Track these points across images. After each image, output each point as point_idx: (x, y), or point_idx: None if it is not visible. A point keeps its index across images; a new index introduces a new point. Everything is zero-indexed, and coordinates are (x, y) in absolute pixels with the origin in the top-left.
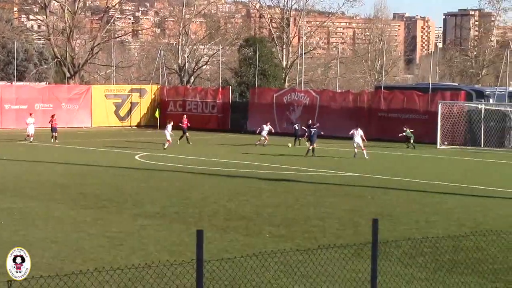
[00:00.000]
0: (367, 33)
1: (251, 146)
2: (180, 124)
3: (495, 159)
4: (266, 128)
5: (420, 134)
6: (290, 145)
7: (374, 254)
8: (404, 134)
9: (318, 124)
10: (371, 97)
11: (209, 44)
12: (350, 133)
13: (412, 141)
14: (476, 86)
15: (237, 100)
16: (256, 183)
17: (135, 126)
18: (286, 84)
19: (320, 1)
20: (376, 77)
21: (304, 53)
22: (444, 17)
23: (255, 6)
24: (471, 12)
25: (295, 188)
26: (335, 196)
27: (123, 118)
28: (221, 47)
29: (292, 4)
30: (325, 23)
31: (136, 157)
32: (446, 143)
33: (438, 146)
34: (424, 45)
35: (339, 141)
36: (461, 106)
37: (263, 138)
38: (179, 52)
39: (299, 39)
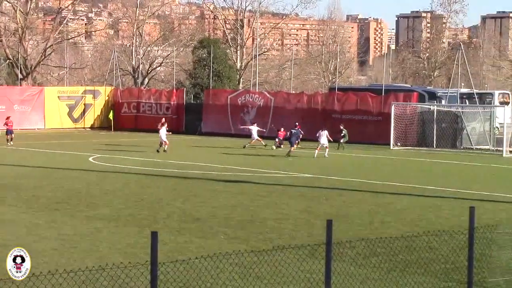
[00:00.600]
0: (321, 35)
1: (206, 148)
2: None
3: (447, 160)
4: (255, 128)
5: (373, 135)
6: (274, 147)
7: (328, 254)
8: (342, 134)
9: (297, 124)
10: (325, 99)
11: (163, 46)
12: (317, 134)
13: (343, 141)
14: (429, 87)
15: (192, 101)
16: (211, 185)
17: (89, 127)
18: (241, 85)
19: (274, 3)
20: (330, 78)
21: (258, 55)
22: (396, 19)
23: (209, 8)
24: (423, 14)
25: (251, 190)
26: (290, 197)
27: (77, 120)
28: (175, 48)
29: (246, 5)
30: (279, 25)
31: (90, 159)
32: (399, 144)
33: (392, 147)
34: (377, 46)
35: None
36: (414, 107)
37: (255, 140)
38: (133, 53)
39: (253, 41)
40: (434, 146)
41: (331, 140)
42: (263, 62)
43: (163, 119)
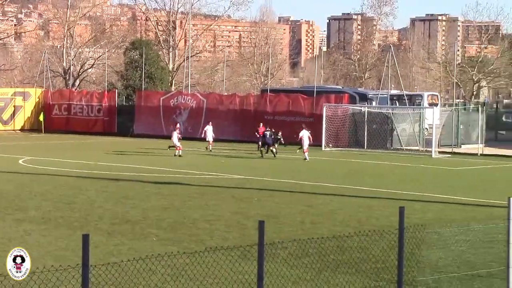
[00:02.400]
0: (253, 37)
1: (138, 149)
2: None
3: (378, 161)
4: (210, 128)
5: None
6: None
7: (260, 255)
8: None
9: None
10: (257, 100)
11: (95, 47)
12: (300, 135)
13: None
14: (360, 89)
15: (124, 103)
16: (142, 187)
17: (19, 130)
18: (173, 87)
19: (206, 5)
20: (262, 80)
21: (191, 56)
22: (328, 21)
23: (140, 9)
24: (354, 17)
25: (182, 191)
26: (221, 198)
27: (6, 122)
28: (106, 50)
29: (178, 7)
30: (211, 26)
31: (20, 161)
32: (331, 145)
33: (323, 148)
34: (309, 48)
35: (226, 144)
36: (345, 108)
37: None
38: (64, 55)
39: (185, 42)
40: (365, 147)
41: (311, 141)
42: (196, 63)
43: (178, 124)
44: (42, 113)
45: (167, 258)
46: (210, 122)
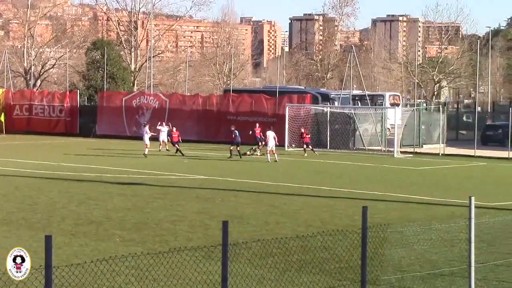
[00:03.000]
0: (215, 37)
1: (100, 150)
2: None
3: (340, 161)
4: (164, 129)
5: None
6: (248, 152)
7: (224, 256)
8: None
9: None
10: (220, 100)
11: (56, 47)
12: (266, 136)
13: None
14: (322, 89)
15: (86, 103)
16: (106, 187)
17: None
18: (135, 87)
19: (167, 5)
20: (225, 80)
21: (153, 57)
22: (290, 21)
23: (102, 9)
24: (316, 17)
25: (146, 192)
26: (185, 199)
27: None
28: (68, 50)
29: (140, 7)
30: (173, 27)
31: None
32: (293, 145)
33: (286, 148)
34: (271, 48)
35: (188, 144)
36: (308, 109)
37: (164, 142)
38: (25, 55)
39: (147, 43)
40: (328, 147)
41: (277, 143)
42: (158, 64)
43: (148, 124)
44: (3, 113)
45: (131, 259)
46: (164, 123)
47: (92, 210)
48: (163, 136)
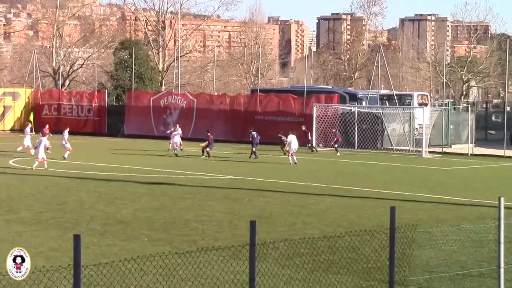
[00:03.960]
0: (243, 37)
1: (128, 150)
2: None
3: (368, 161)
4: (175, 132)
5: (296, 136)
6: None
7: (252, 255)
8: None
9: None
10: (247, 100)
11: (84, 47)
12: (287, 139)
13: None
14: (349, 89)
15: (113, 103)
16: (134, 187)
17: (9, 130)
18: (163, 87)
19: (195, 4)
20: (252, 80)
21: (180, 56)
22: (317, 21)
23: (130, 9)
24: (343, 16)
25: (173, 192)
26: (213, 199)
27: None
28: (96, 50)
29: (168, 7)
30: (200, 26)
31: (10, 161)
32: (321, 145)
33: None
34: (298, 48)
35: (216, 144)
36: (335, 108)
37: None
38: (53, 55)
39: (175, 42)
40: (356, 147)
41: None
42: (185, 63)
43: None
44: (32, 113)
45: (159, 258)
46: (178, 125)
47: (120, 210)
48: (175, 139)
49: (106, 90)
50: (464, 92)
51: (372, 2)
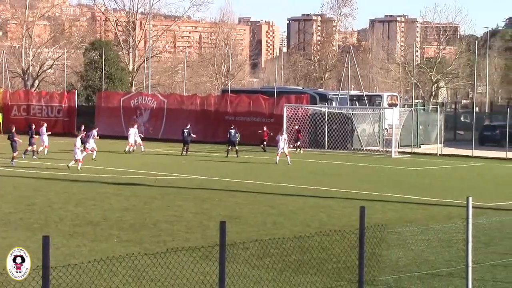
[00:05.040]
0: (213, 37)
1: (98, 150)
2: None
3: (338, 161)
4: (133, 131)
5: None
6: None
7: (222, 256)
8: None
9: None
10: (218, 101)
11: (54, 48)
12: (276, 139)
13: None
14: (320, 89)
15: (83, 104)
16: (103, 188)
17: None
18: (133, 88)
19: (166, 5)
20: (223, 81)
21: (151, 57)
22: (288, 22)
23: (100, 9)
24: (314, 17)
25: (143, 192)
26: (183, 199)
27: None
28: (66, 50)
29: (138, 7)
30: (171, 27)
31: None
32: (291, 145)
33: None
34: (269, 49)
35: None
36: (306, 109)
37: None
38: (23, 55)
39: (145, 43)
40: (326, 148)
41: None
42: (156, 64)
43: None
44: (0, 114)
45: (129, 259)
46: (136, 125)
47: (89, 210)
48: (131, 139)
49: (76, 91)
50: (434, 93)
51: (342, 3)
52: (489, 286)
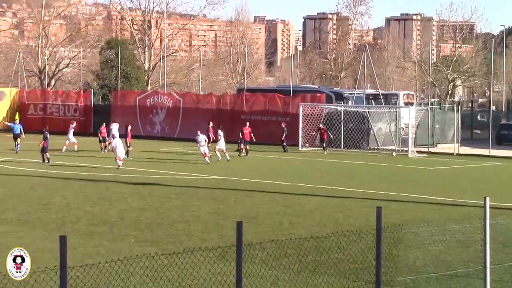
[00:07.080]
0: (229, 36)
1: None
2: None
3: (354, 161)
4: (115, 126)
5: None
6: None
7: (238, 256)
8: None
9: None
10: (234, 100)
11: (70, 46)
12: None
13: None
14: (336, 88)
15: (99, 103)
16: (120, 187)
17: None
18: (149, 86)
19: (181, 4)
20: (238, 79)
21: (167, 56)
22: (303, 20)
23: (116, 8)
24: (329, 16)
25: (160, 192)
26: (200, 199)
27: None
28: (82, 49)
29: (154, 6)
30: (186, 26)
31: None
32: (307, 145)
33: (300, 148)
34: (284, 47)
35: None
36: (321, 108)
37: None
38: (39, 54)
39: (161, 42)
40: (342, 147)
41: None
42: (171, 63)
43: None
44: (17, 113)
45: (146, 259)
46: (114, 123)
47: (106, 210)
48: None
49: (92, 90)
50: (450, 92)
51: (358, 2)
52: (507, 287)
